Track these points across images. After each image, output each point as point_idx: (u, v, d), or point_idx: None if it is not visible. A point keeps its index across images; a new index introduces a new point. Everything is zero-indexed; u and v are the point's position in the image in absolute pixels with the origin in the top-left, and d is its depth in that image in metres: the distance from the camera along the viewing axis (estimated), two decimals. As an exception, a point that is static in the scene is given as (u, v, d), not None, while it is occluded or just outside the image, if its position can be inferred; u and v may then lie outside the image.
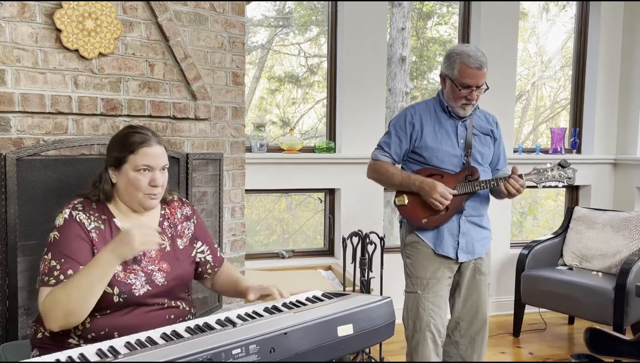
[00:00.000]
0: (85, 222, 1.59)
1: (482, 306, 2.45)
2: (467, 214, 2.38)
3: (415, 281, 2.42)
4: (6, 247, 2.03)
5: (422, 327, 2.36)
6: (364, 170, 2.57)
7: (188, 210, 1.84)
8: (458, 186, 2.33)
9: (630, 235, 3.51)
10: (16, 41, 2.06)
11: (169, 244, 1.72)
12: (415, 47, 5.11)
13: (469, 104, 2.32)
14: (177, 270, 1.70)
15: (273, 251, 3.82)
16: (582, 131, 4.42)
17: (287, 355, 1.29)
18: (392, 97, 4.81)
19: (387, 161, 2.45)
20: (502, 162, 2.54)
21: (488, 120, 2.48)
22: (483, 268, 2.45)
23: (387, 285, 3.20)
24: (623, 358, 2.35)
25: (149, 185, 1.63)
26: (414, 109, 2.44)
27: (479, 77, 2.26)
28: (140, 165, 1.62)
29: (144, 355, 1.23)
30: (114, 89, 2.29)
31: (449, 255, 2.37)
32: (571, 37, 4.65)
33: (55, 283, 1.50)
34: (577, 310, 3.38)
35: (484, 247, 2.45)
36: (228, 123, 2.74)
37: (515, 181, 2.28)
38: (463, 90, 2.28)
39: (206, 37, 2.59)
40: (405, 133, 2.41)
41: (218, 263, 1.88)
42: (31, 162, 2.10)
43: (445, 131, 2.38)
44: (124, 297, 1.56)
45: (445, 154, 2.36)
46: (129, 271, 1.59)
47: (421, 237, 2.41)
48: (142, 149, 1.62)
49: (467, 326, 2.45)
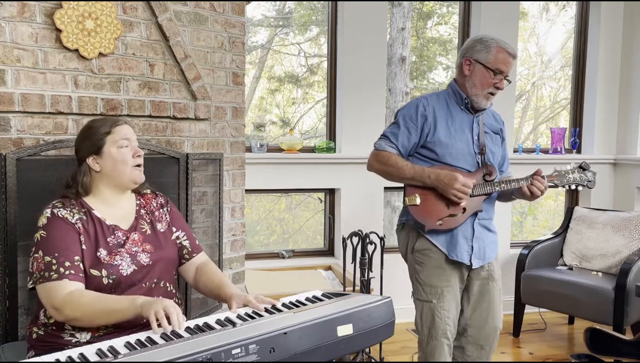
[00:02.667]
0: (68, 216, 1.66)
1: (493, 313, 2.29)
2: (480, 217, 2.22)
3: (429, 290, 2.24)
4: (6, 247, 2.03)
5: (439, 335, 2.23)
6: (364, 170, 2.42)
7: (161, 200, 1.92)
8: (477, 186, 2.17)
9: (630, 235, 3.51)
10: (16, 41, 2.06)
11: (149, 228, 1.80)
12: (415, 47, 5.11)
13: (494, 93, 2.18)
14: (161, 252, 1.77)
15: (273, 251, 3.82)
16: (582, 131, 4.42)
17: (287, 355, 1.29)
18: (392, 97, 4.81)
19: (394, 153, 2.22)
20: (506, 164, 2.40)
21: (496, 118, 2.35)
22: (495, 273, 2.31)
23: (387, 285, 3.20)
24: (623, 358, 2.35)
25: (134, 156, 1.74)
26: (427, 100, 2.23)
27: (512, 64, 2.16)
28: (120, 140, 1.72)
29: (144, 355, 1.23)
30: (114, 89, 2.29)
31: (464, 261, 2.20)
32: (571, 37, 4.65)
33: (58, 277, 1.55)
34: (577, 310, 3.38)
35: (493, 252, 2.31)
36: (228, 123, 2.74)
37: (540, 182, 2.15)
38: (496, 76, 2.14)
39: (206, 37, 2.59)
40: (416, 125, 2.19)
41: (195, 249, 1.91)
42: (31, 162, 2.10)
43: (460, 126, 2.21)
44: (112, 278, 1.63)
45: (460, 151, 2.19)
46: (114, 253, 1.66)
47: (434, 241, 2.21)
48: (116, 128, 1.74)
49: (475, 333, 2.30)
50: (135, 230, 1.75)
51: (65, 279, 1.56)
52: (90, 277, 1.61)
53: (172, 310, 1.44)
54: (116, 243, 1.69)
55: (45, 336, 1.65)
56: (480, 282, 2.29)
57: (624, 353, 2.35)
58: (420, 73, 5.20)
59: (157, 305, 1.44)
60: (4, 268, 2.03)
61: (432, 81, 5.23)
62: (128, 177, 1.73)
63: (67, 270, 1.57)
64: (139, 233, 1.76)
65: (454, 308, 2.26)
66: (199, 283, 1.87)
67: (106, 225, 1.71)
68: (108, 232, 1.70)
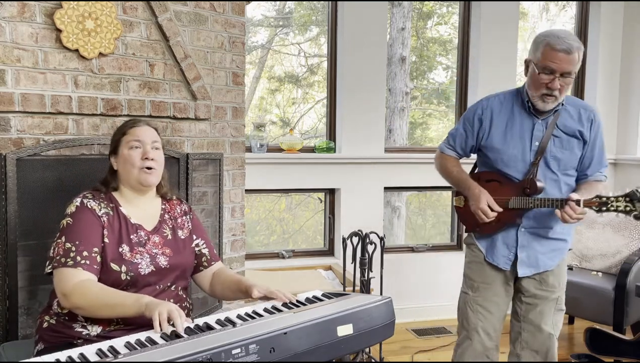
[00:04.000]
0: (96, 208, 1.70)
1: (546, 320, 2.21)
2: (527, 226, 2.16)
3: (467, 282, 2.30)
4: (6, 247, 2.03)
5: (469, 328, 2.26)
6: (364, 170, 2.51)
7: (185, 207, 1.95)
8: (513, 199, 2.11)
9: (630, 235, 3.51)
10: (16, 41, 2.06)
11: (170, 233, 1.83)
12: (415, 47, 5.11)
13: (551, 95, 2.02)
14: (179, 257, 1.80)
15: (273, 251, 3.82)
16: (582, 131, 4.41)
17: (287, 355, 1.29)
18: (392, 97, 4.81)
19: (451, 155, 2.29)
20: (593, 166, 2.17)
21: (580, 117, 2.13)
22: (550, 280, 2.20)
23: (387, 285, 3.20)
24: (623, 358, 2.35)
25: (142, 158, 1.74)
26: (487, 103, 2.21)
27: (565, 61, 1.95)
28: (132, 141, 1.75)
29: (144, 355, 1.23)
30: (114, 89, 2.29)
31: (499, 265, 2.20)
32: (571, 37, 4.64)
33: (73, 264, 1.59)
34: (577, 310, 3.37)
35: (553, 260, 2.19)
36: (228, 123, 2.74)
37: (572, 210, 1.98)
38: (544, 76, 1.99)
39: (206, 37, 2.59)
40: (472, 128, 2.21)
41: (214, 258, 1.95)
42: (31, 162, 2.10)
43: (519, 131, 2.13)
44: (130, 275, 1.66)
45: (512, 157, 2.13)
46: (135, 252, 1.70)
47: (475, 240, 2.28)
48: (132, 129, 1.78)
49: (530, 338, 2.24)
50: (157, 233, 1.79)
51: (79, 268, 1.59)
52: (109, 270, 1.64)
53: (175, 314, 1.44)
54: (138, 242, 1.72)
55: (56, 325, 1.68)
56: (530, 288, 2.22)
57: (624, 353, 2.34)
58: (420, 73, 5.20)
59: (162, 308, 1.44)
60: (4, 268, 2.03)
61: (432, 81, 5.24)
62: (135, 179, 1.75)
63: (83, 260, 1.60)
64: (160, 236, 1.79)
65: (493, 308, 2.24)
66: (216, 287, 1.90)
67: (131, 223, 1.75)
68: (132, 230, 1.73)
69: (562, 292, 2.26)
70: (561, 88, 2.01)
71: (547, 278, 2.21)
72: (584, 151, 2.14)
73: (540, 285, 2.21)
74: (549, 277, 2.21)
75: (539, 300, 2.22)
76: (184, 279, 1.85)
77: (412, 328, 3.70)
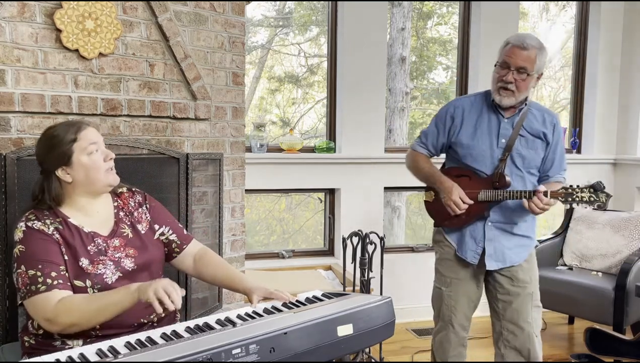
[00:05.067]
0: (44, 227, 1.58)
1: (524, 316, 2.27)
2: (493, 220, 2.26)
3: (440, 278, 2.39)
4: (6, 247, 2.03)
5: (445, 320, 2.37)
6: (364, 170, 2.56)
7: (139, 197, 1.83)
8: (482, 192, 2.21)
9: (630, 235, 3.51)
10: (16, 41, 2.06)
11: (130, 231, 1.73)
12: (415, 47, 5.11)
13: (506, 88, 2.13)
14: (145, 254, 1.71)
15: (273, 251, 3.82)
16: (582, 131, 4.42)
17: (287, 355, 1.29)
18: (392, 97, 4.81)
19: (422, 153, 2.40)
20: (555, 168, 2.30)
21: (545, 121, 2.26)
22: (521, 276, 2.28)
23: (387, 285, 3.20)
24: (623, 358, 2.35)
25: (105, 160, 1.65)
26: (459, 102, 2.34)
27: (519, 56, 2.09)
28: (88, 146, 1.63)
29: (144, 355, 1.23)
30: (114, 89, 2.29)
31: (467, 259, 2.29)
32: (571, 37, 4.65)
33: (45, 289, 1.49)
34: (577, 310, 3.38)
35: (519, 255, 2.28)
36: (228, 123, 2.74)
37: (539, 200, 2.10)
38: (500, 70, 2.14)
39: (206, 37, 2.59)
40: (444, 126, 2.32)
41: (185, 240, 1.86)
42: (31, 162, 2.09)
43: (487, 128, 2.25)
44: (97, 288, 1.58)
45: (480, 153, 2.24)
46: (97, 262, 1.60)
47: (446, 236, 2.37)
48: (81, 133, 1.64)
49: (510, 337, 2.30)
50: (115, 236, 1.68)
51: (54, 289, 1.50)
52: (75, 288, 1.55)
53: (170, 288, 1.40)
54: (97, 251, 1.62)
55: (36, 344, 1.61)
56: (503, 285, 2.31)
57: (624, 353, 2.34)
58: (420, 73, 5.20)
59: (155, 285, 1.40)
60: (4, 268, 2.03)
61: (432, 81, 5.24)
62: (103, 183, 1.65)
63: (54, 280, 1.51)
64: (120, 238, 1.69)
65: (463, 301, 2.34)
66: (203, 273, 1.83)
67: (84, 232, 1.63)
68: (87, 240, 1.62)
69: (535, 287, 2.33)
70: (517, 83, 2.12)
71: (517, 274, 2.29)
72: (547, 153, 2.28)
73: (512, 282, 2.29)
74: (519, 272, 2.29)
75: (513, 297, 2.29)
76: (158, 275, 1.76)
77: (412, 328, 3.70)
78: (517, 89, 2.14)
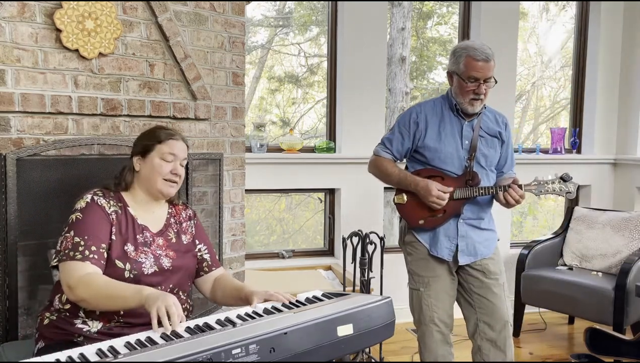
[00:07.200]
0: (106, 206, 1.73)
1: (499, 307, 2.37)
2: (465, 217, 2.36)
3: (417, 279, 2.43)
4: (6, 247, 2.03)
5: (427, 321, 2.40)
6: (364, 170, 2.57)
7: (190, 212, 1.98)
8: (457, 190, 2.31)
9: (630, 235, 3.51)
10: (16, 41, 2.06)
11: (174, 237, 1.86)
12: (415, 47, 5.11)
13: (478, 98, 2.28)
14: (182, 260, 1.83)
15: (273, 251, 3.82)
16: (582, 131, 4.42)
17: (287, 355, 1.29)
18: (392, 97, 4.81)
19: (388, 158, 2.44)
20: (508, 165, 2.49)
21: (497, 121, 2.43)
22: (492, 268, 2.39)
23: (387, 285, 3.20)
24: (623, 358, 2.35)
25: (171, 172, 1.79)
26: (420, 108, 2.41)
27: (486, 69, 2.23)
28: (166, 153, 1.79)
29: (144, 355, 1.23)
30: (114, 89, 2.29)
31: (443, 257, 2.36)
32: (571, 37, 4.65)
33: (81, 258, 1.61)
34: (577, 310, 3.38)
35: (488, 249, 2.40)
36: (228, 123, 2.74)
37: (514, 191, 2.27)
38: (470, 84, 2.25)
39: (206, 37, 2.59)
40: (409, 131, 2.39)
41: (215, 263, 1.98)
42: (31, 162, 2.10)
43: (450, 131, 2.35)
44: (134, 274, 1.69)
45: (448, 155, 2.34)
46: (140, 251, 1.73)
47: (417, 237, 2.41)
48: (170, 141, 1.81)
49: (487, 329, 2.38)
50: (162, 235, 1.82)
51: (87, 262, 1.61)
52: (114, 267, 1.66)
53: (173, 309, 1.44)
54: (143, 242, 1.76)
55: (57, 322, 1.69)
56: (477, 279, 2.39)
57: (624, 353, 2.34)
58: (420, 73, 5.20)
59: (160, 302, 1.44)
60: (3, 268, 2.03)
61: (432, 81, 5.24)
62: (158, 188, 1.79)
63: (91, 254, 1.62)
64: (164, 239, 1.82)
65: (444, 297, 2.40)
66: (217, 293, 1.92)
67: (137, 223, 1.78)
68: (138, 230, 1.76)
69: (504, 278, 2.44)
70: (486, 92, 2.28)
71: (488, 267, 2.39)
72: (502, 150, 2.44)
73: (485, 275, 2.38)
74: (489, 265, 2.39)
75: (488, 290, 2.38)
76: (186, 282, 1.86)
77: (412, 328, 3.70)
78: (485, 96, 2.30)
